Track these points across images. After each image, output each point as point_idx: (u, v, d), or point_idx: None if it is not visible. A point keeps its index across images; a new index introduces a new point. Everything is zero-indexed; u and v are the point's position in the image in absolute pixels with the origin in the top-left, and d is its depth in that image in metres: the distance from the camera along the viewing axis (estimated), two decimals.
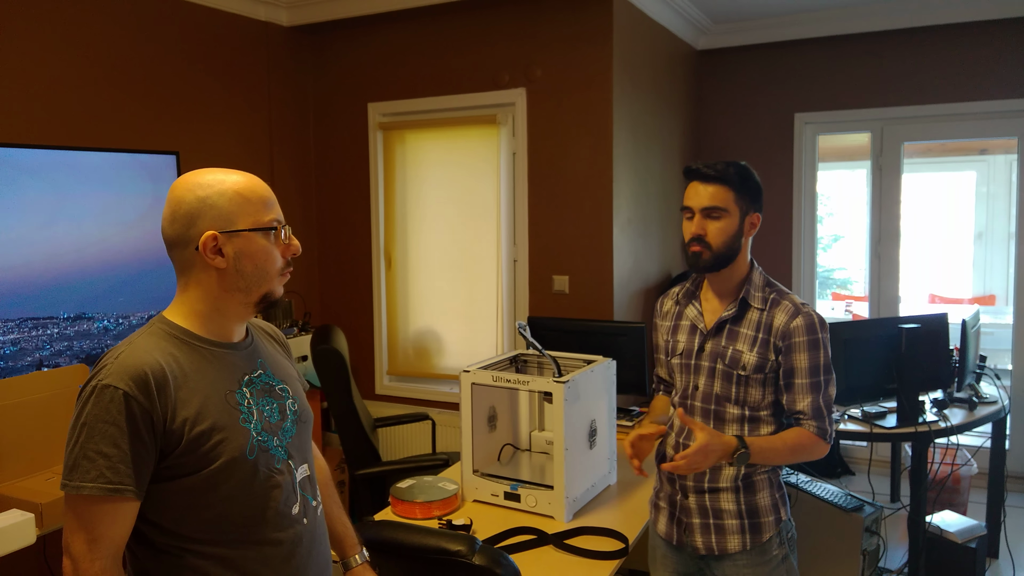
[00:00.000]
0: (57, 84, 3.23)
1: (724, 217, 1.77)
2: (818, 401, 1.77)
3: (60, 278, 3.06)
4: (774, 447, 1.75)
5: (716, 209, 1.77)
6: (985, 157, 6.52)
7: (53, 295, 3.04)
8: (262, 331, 1.48)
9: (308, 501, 1.38)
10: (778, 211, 4.84)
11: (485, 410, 2.49)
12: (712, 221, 1.77)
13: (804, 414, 1.77)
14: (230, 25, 4.00)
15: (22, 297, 2.94)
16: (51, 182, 3.02)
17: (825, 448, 1.78)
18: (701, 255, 1.79)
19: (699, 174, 1.80)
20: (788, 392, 1.79)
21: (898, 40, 4.46)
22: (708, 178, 1.78)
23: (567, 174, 3.86)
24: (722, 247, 1.78)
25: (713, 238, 1.77)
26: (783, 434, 1.79)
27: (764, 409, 1.82)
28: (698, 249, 1.79)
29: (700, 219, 1.78)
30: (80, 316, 3.13)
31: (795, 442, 1.76)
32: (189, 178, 1.28)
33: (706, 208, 1.77)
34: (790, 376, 1.78)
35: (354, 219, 4.44)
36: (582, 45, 3.75)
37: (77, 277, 3.12)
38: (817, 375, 1.77)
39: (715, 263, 1.79)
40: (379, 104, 4.30)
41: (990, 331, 4.90)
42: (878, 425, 3.10)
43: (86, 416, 1.17)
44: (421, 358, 4.37)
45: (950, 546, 3.17)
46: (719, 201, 1.77)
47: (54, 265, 3.04)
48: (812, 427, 1.77)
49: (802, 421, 1.78)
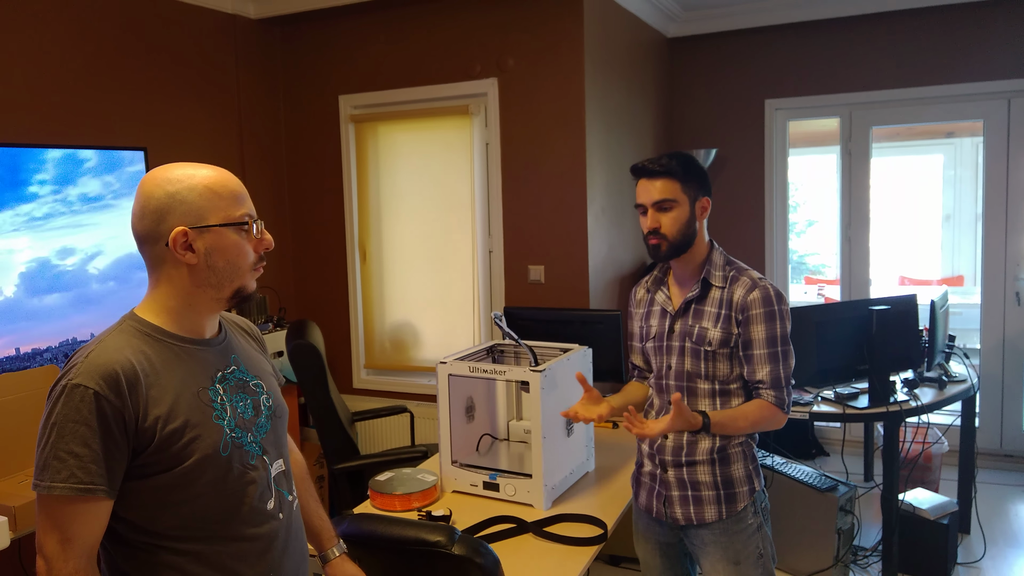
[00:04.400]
0: (19, 80, 3.16)
1: (675, 208, 1.88)
2: (777, 371, 1.86)
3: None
4: (735, 419, 1.87)
5: (666, 201, 1.88)
6: (952, 140, 6.62)
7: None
8: (236, 326, 1.46)
9: (284, 496, 1.37)
10: (750, 197, 4.89)
11: (463, 401, 2.49)
12: (664, 213, 1.89)
13: (763, 383, 1.87)
14: (197, 18, 3.94)
15: None
16: (12, 181, 2.96)
17: (783, 418, 1.89)
18: (660, 247, 1.90)
19: (645, 171, 1.91)
20: (748, 364, 1.88)
21: (866, 25, 4.51)
22: (654, 174, 1.89)
23: (541, 164, 3.86)
24: (677, 236, 1.89)
25: (668, 229, 1.89)
26: (743, 406, 1.89)
27: (733, 383, 1.92)
28: (656, 241, 1.90)
29: (653, 213, 1.89)
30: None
31: (755, 414, 1.88)
32: (158, 173, 1.26)
33: (657, 202, 1.89)
34: (748, 347, 1.87)
35: (327, 213, 4.41)
36: (553, 35, 3.75)
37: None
38: (775, 345, 1.86)
39: (673, 251, 1.90)
40: (350, 96, 4.26)
41: (959, 311, 5.00)
42: (851, 406, 3.15)
43: (56, 416, 1.16)
44: (398, 351, 4.36)
45: (923, 523, 3.24)
46: (668, 193, 1.88)
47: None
48: (771, 397, 1.87)
49: (761, 391, 1.88)
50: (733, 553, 1.90)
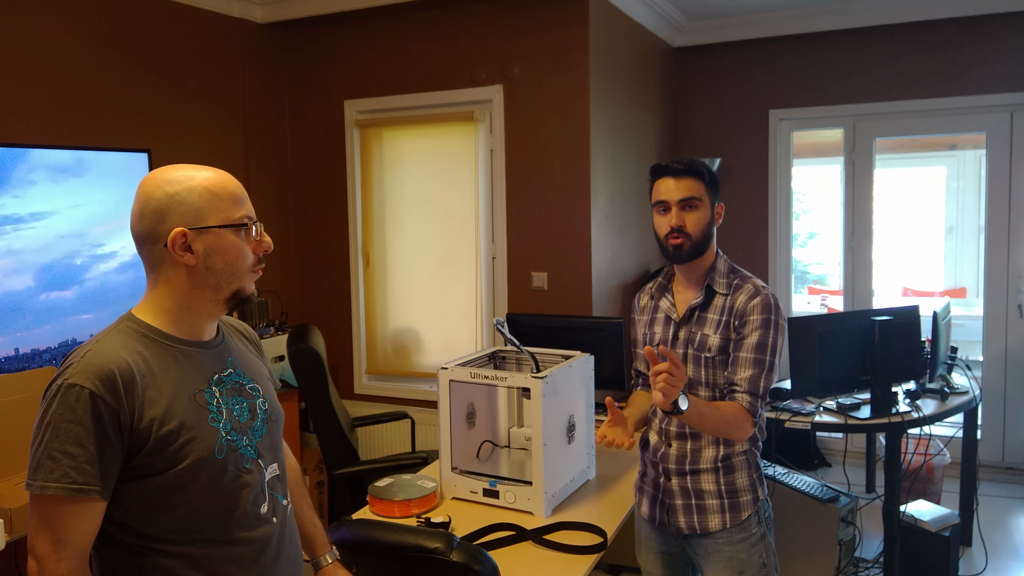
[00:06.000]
0: (25, 81, 3.17)
1: (700, 207, 1.88)
2: (758, 378, 1.82)
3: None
4: (712, 414, 1.79)
5: (693, 199, 1.87)
6: (955, 152, 6.61)
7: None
8: (234, 329, 1.46)
9: (278, 500, 1.37)
10: (754, 207, 4.89)
11: (463, 407, 2.48)
12: (690, 212, 1.87)
13: (740, 387, 1.82)
14: (203, 22, 3.95)
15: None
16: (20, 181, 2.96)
17: (750, 430, 1.83)
18: (683, 246, 1.87)
19: (670, 170, 1.90)
20: (732, 365, 1.85)
21: (870, 37, 4.52)
22: (680, 172, 1.88)
23: (545, 171, 3.86)
24: (700, 236, 1.87)
25: (692, 228, 1.87)
26: (719, 403, 1.84)
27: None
28: (679, 240, 1.87)
29: (678, 211, 1.87)
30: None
31: (728, 413, 1.81)
32: (158, 174, 1.26)
33: (683, 199, 1.87)
34: (737, 348, 1.85)
35: (331, 217, 4.41)
36: (559, 42, 3.75)
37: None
38: (763, 353, 1.83)
39: (695, 251, 1.89)
40: (355, 101, 4.27)
41: (961, 323, 4.98)
42: (852, 416, 3.14)
43: (51, 415, 1.15)
44: (400, 356, 4.35)
45: (924, 535, 3.21)
46: (694, 192, 1.87)
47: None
48: (745, 401, 1.82)
49: (737, 394, 1.83)
50: (737, 563, 1.89)
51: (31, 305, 3.00)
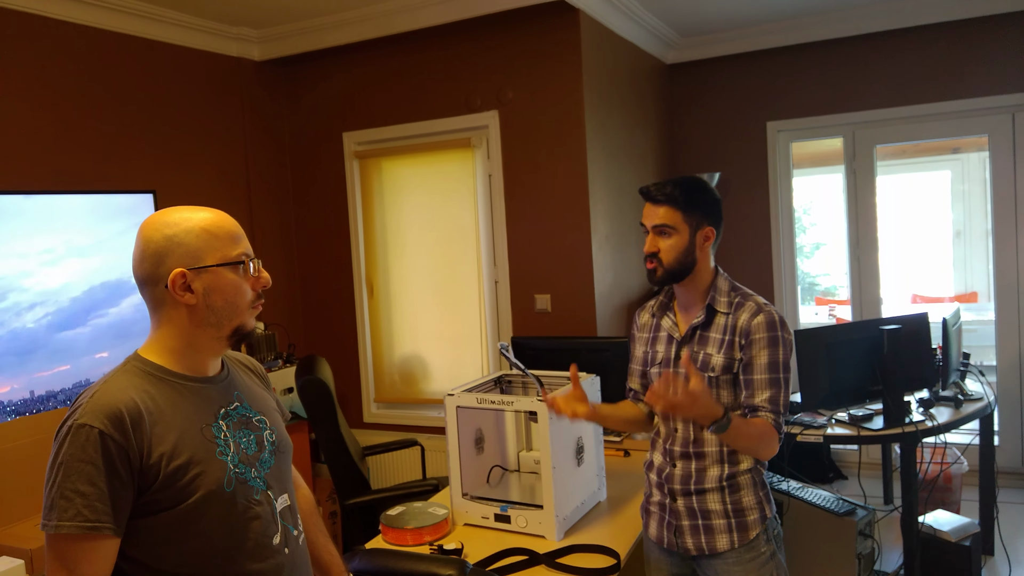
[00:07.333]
0: (30, 127, 3.23)
1: (673, 235, 1.88)
2: (777, 398, 1.83)
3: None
4: (748, 430, 1.80)
5: (666, 227, 1.89)
6: (959, 156, 6.60)
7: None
8: (239, 363, 1.48)
9: (289, 531, 1.37)
10: (756, 220, 4.89)
11: (472, 433, 2.48)
12: (663, 238, 1.89)
13: (763, 407, 1.82)
14: (202, 62, 4.02)
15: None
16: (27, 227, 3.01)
17: (776, 446, 1.84)
18: (655, 271, 1.91)
19: (649, 195, 1.92)
20: (747, 388, 1.85)
21: (866, 45, 4.54)
22: (657, 201, 1.90)
23: (543, 193, 3.88)
24: (673, 263, 1.88)
25: (664, 255, 1.89)
26: (753, 420, 1.84)
27: (735, 411, 1.88)
28: (652, 265, 1.91)
29: (653, 236, 1.91)
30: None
31: (761, 430, 1.81)
32: (156, 217, 1.29)
33: (656, 227, 1.90)
34: (749, 371, 1.84)
35: (334, 249, 4.44)
36: (552, 65, 3.79)
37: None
38: (776, 372, 1.83)
39: (668, 277, 1.90)
40: (354, 133, 4.32)
41: (973, 328, 4.95)
42: (865, 428, 3.11)
43: (63, 456, 1.17)
44: (407, 384, 4.36)
45: (945, 545, 3.17)
46: (668, 220, 1.88)
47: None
48: (771, 420, 1.82)
49: (760, 413, 1.83)
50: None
51: (47, 342, 3.03)
